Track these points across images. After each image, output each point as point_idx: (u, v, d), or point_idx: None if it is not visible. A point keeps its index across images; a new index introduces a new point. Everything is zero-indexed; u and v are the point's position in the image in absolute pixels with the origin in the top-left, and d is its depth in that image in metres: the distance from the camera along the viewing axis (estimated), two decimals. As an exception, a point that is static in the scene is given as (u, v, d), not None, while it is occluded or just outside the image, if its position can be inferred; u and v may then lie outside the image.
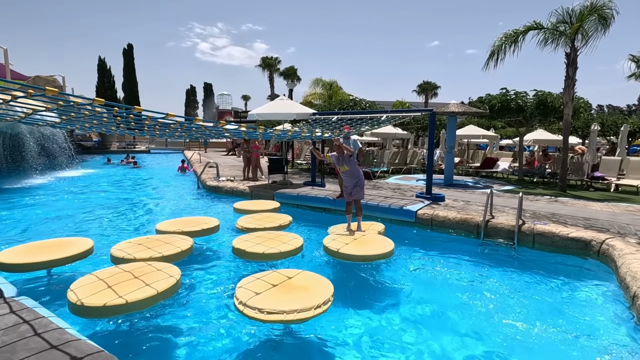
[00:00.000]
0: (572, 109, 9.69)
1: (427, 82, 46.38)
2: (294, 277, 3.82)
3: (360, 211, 5.76)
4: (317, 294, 3.43)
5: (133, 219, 7.69)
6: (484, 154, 17.65)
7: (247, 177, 11.60)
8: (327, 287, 3.58)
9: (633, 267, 4.01)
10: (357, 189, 5.69)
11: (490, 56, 10.10)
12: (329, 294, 3.44)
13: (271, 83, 40.36)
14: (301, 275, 3.87)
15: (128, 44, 37.93)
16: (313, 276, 3.87)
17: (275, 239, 5.03)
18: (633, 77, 30.55)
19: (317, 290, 3.54)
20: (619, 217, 6.62)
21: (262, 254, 4.48)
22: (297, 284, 3.67)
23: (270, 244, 4.73)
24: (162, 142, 37.71)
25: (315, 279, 3.81)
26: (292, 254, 4.62)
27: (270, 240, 4.92)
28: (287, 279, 3.77)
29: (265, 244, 4.77)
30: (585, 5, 9.20)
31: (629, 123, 14.40)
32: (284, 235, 5.18)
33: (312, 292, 3.49)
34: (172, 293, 3.62)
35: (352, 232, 5.50)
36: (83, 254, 4.30)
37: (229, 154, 26.66)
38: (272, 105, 10.51)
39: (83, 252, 4.30)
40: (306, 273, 3.96)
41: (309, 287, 3.61)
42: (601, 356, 3.07)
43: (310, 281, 3.75)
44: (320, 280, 3.79)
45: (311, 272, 3.98)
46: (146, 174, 16.34)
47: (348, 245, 4.82)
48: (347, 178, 5.74)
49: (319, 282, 3.74)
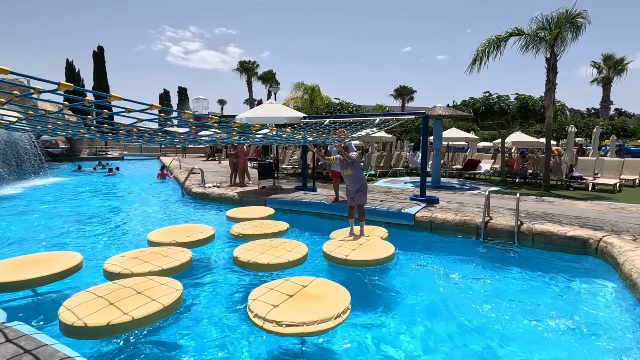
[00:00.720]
0: (552, 111, 10.06)
1: (403, 86, 47.27)
2: (308, 286, 3.65)
3: (363, 216, 5.69)
4: (334, 303, 3.28)
5: (118, 230, 7.24)
6: (464, 156, 18.06)
7: (234, 183, 11.27)
8: (344, 295, 3.44)
9: (638, 264, 4.10)
10: (360, 194, 5.62)
11: (474, 61, 10.34)
12: (346, 302, 3.30)
13: (249, 87, 39.87)
14: (315, 283, 3.71)
15: (98, 47, 36.48)
16: (328, 283, 3.72)
17: (279, 247, 4.83)
18: (595, 82, 32.44)
19: (333, 298, 3.39)
20: (606, 215, 6.86)
21: (267, 265, 4.24)
22: (312, 292, 3.50)
23: (275, 253, 4.52)
24: (135, 148, 36.34)
25: (330, 287, 3.65)
26: (299, 262, 4.43)
27: (274, 249, 4.71)
28: (302, 288, 3.59)
29: (269, 253, 4.55)
30: (562, 12, 9.60)
31: (600, 125, 15.20)
32: (287, 243, 4.99)
33: (329, 301, 3.34)
34: (177, 308, 3.37)
35: (355, 237, 5.39)
36: (72, 270, 3.94)
37: (208, 159, 25.98)
38: (260, 109, 10.28)
39: (72, 267, 3.94)
40: (320, 280, 3.80)
41: (324, 296, 3.45)
42: (613, 352, 3.08)
43: (325, 289, 3.59)
44: (336, 287, 3.64)
45: (325, 279, 3.82)
46: (123, 181, 15.59)
47: (347, 250, 4.73)
48: (350, 182, 5.65)
49: (335, 290, 3.58)
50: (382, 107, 26.56)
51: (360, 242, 5.09)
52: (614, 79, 30.41)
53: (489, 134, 24.33)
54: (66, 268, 3.84)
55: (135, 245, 5.88)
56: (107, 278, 3.91)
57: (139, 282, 3.61)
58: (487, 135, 24.19)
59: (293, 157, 18.81)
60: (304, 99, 21.88)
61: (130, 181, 15.54)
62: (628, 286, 4.12)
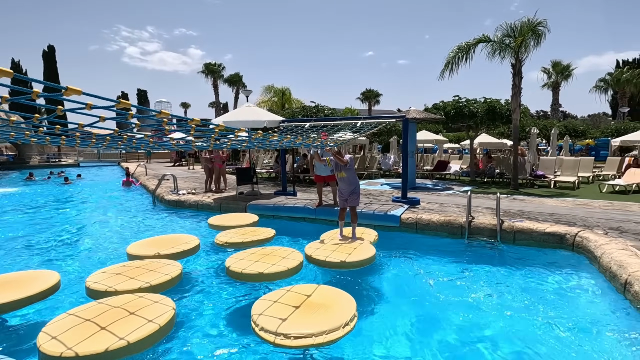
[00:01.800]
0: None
1: (369, 89, 48.20)
2: (312, 294, 3.54)
3: (356, 218, 5.67)
4: (341, 311, 3.20)
5: (91, 243, 6.69)
6: (433, 158, 18.67)
7: (210, 189, 10.86)
8: (350, 302, 3.38)
9: (616, 256, 4.37)
10: (353, 196, 5.63)
11: (446, 66, 10.71)
12: (353, 309, 3.24)
13: (215, 90, 38.83)
14: (319, 291, 3.61)
15: (49, 46, 34.06)
16: (332, 291, 3.63)
17: (272, 254, 4.68)
18: (546, 86, 34.83)
19: (339, 306, 3.31)
20: (575, 211, 7.31)
21: (264, 274, 4.05)
22: (318, 301, 3.41)
23: (270, 261, 4.37)
24: (93, 154, 34.21)
25: (335, 294, 3.57)
26: (297, 270, 4.30)
27: (267, 257, 4.55)
28: (306, 297, 3.48)
29: (263, 261, 4.39)
30: (525, 21, 10.19)
31: (557, 126, 16.33)
32: (280, 250, 4.84)
33: (335, 309, 3.26)
34: (171, 328, 3.14)
35: (345, 239, 5.39)
36: (49, 290, 3.56)
37: (175, 165, 24.98)
38: (238, 113, 10.00)
39: (49, 287, 3.56)
40: (324, 288, 3.71)
41: (330, 304, 3.37)
42: (598, 339, 3.25)
43: (330, 297, 3.51)
44: (340, 294, 3.56)
45: (328, 285, 3.73)
46: (83, 190, 14.56)
47: (328, 252, 4.74)
48: (344, 185, 5.65)
49: (340, 297, 3.51)
50: (352, 110, 26.88)
51: (344, 244, 5.12)
52: (561, 84, 32.84)
53: (453, 136, 25.38)
54: (43, 289, 3.46)
55: (113, 259, 5.47)
56: (90, 297, 3.57)
57: (128, 301, 3.33)
58: (453, 137, 25.21)
59: (265, 161, 18.52)
60: (274, 102, 21.64)
61: (92, 190, 14.55)
62: (607, 277, 4.38)
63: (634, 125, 20.97)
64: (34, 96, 2.18)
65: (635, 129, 19.48)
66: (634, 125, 20.98)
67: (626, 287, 3.90)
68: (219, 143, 6.55)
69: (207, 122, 4.85)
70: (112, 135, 4.75)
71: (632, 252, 4.51)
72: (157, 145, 6.42)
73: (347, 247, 5.01)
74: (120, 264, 4.38)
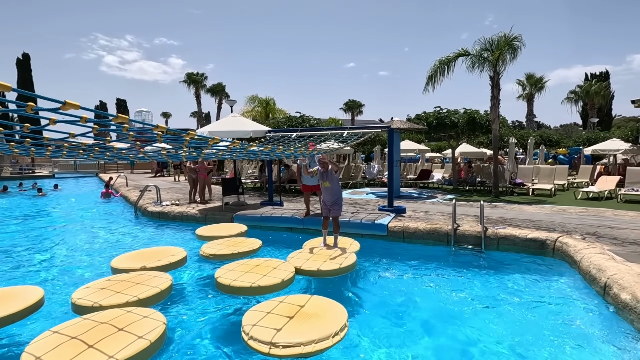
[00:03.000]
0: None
1: (352, 100, 48.82)
2: (305, 305, 3.54)
3: (338, 227, 5.78)
4: (332, 321, 3.22)
5: (73, 257, 6.44)
6: (416, 167, 19.02)
7: (194, 200, 10.70)
8: (341, 312, 3.40)
9: (595, 260, 4.57)
10: (336, 207, 5.72)
11: (429, 80, 11.04)
12: (343, 319, 3.26)
13: (198, 100, 38.40)
14: (312, 301, 3.61)
15: (23, 54, 33.03)
16: (324, 301, 3.64)
17: (262, 265, 4.65)
18: (521, 97, 36.21)
19: (331, 316, 3.33)
20: (553, 217, 7.60)
21: (259, 287, 3.96)
22: (309, 311, 3.42)
23: (262, 272, 4.33)
24: (69, 165, 33.08)
25: (327, 304, 3.58)
26: (290, 282, 4.26)
27: (258, 267, 4.52)
28: (299, 308, 3.47)
29: (254, 271, 4.35)
30: (502, 36, 10.66)
31: (533, 136, 17.00)
32: (271, 261, 4.81)
33: (326, 319, 3.27)
34: (162, 343, 3.08)
35: (329, 247, 5.46)
36: (32, 308, 3.42)
37: (156, 175, 24.49)
38: (224, 123, 9.95)
39: (33, 304, 3.42)
40: (316, 298, 3.71)
41: (321, 314, 3.38)
42: (579, 339, 3.39)
43: (321, 307, 3.52)
44: (332, 304, 3.58)
45: (321, 296, 3.74)
46: (60, 202, 14.05)
47: (307, 260, 4.83)
48: (327, 194, 5.72)
49: (332, 307, 3.53)
50: (335, 120, 27.14)
51: (325, 253, 5.17)
52: (535, 95, 34.23)
53: (435, 145, 25.98)
54: (26, 305, 3.32)
55: (97, 273, 5.30)
56: (76, 313, 3.45)
57: (116, 317, 3.24)
58: (434, 147, 25.80)
59: (250, 171, 18.41)
60: (259, 112, 21.63)
61: (69, 201, 14.06)
62: (587, 281, 4.56)
63: (604, 135, 22.06)
64: (29, 110, 2.13)
65: (605, 138, 20.49)
66: (603, 135, 22.06)
67: (605, 289, 4.07)
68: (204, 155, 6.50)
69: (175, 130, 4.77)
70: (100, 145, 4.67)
71: (609, 256, 4.72)
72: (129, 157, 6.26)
73: (326, 254, 5.09)
74: (106, 278, 4.26)
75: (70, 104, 1.99)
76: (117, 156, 5.64)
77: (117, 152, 5.01)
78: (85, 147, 4.53)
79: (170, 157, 6.76)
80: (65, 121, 2.93)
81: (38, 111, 2.41)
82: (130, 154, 5.68)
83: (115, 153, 5.11)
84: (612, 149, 17.15)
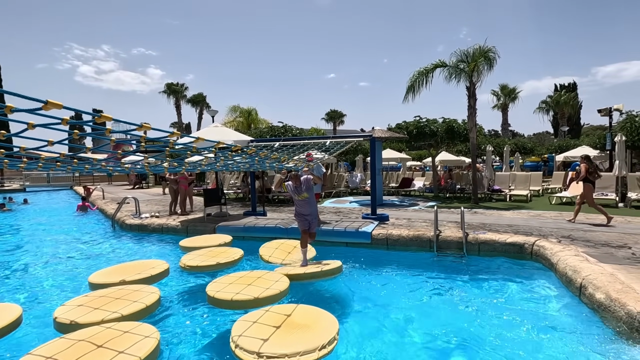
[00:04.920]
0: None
1: (334, 110, 49.36)
2: (292, 314, 3.51)
3: (314, 238, 5.76)
4: (321, 332, 3.14)
5: (48, 273, 6.16)
6: (397, 175, 19.33)
7: (175, 212, 10.48)
8: (332, 324, 3.30)
9: (571, 262, 4.76)
10: (316, 220, 5.66)
11: (409, 90, 11.33)
12: (333, 331, 3.15)
13: (178, 110, 38.00)
14: (304, 311, 3.56)
15: (-7, 64, 31.82)
16: (316, 311, 3.57)
17: (247, 275, 4.59)
18: (496, 107, 37.53)
19: (320, 327, 3.25)
20: (530, 222, 7.87)
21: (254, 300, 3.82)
22: (298, 321, 3.38)
23: (257, 284, 4.16)
24: (41, 178, 31.83)
25: (318, 314, 3.51)
26: (284, 294, 4.12)
27: (251, 279, 4.37)
28: (286, 317, 3.44)
29: (247, 284, 4.18)
30: (477, 48, 11.10)
31: (508, 144, 17.65)
32: (258, 271, 4.76)
33: (315, 330, 3.20)
34: (156, 358, 2.98)
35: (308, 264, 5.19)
36: (10, 327, 3.25)
37: (134, 187, 23.86)
38: (206, 133, 9.86)
39: (10, 324, 3.25)
40: (309, 308, 3.65)
41: (312, 324, 3.32)
42: (557, 339, 3.51)
43: (313, 317, 3.46)
44: (323, 315, 3.50)
45: (311, 305, 3.71)
46: (30, 217, 13.47)
47: None
48: (305, 207, 5.49)
49: (322, 318, 3.44)
50: (317, 130, 27.34)
51: None
52: (509, 105, 35.60)
53: (416, 154, 26.51)
54: (3, 325, 3.16)
55: (76, 289, 5.11)
56: (60, 332, 3.29)
57: (103, 332, 3.12)
58: (415, 155, 26.33)
59: (232, 181, 18.23)
60: (240, 122, 21.55)
61: (43, 216, 13.49)
62: (564, 282, 4.74)
63: (574, 143, 23.13)
64: (7, 111, 2.05)
65: (576, 146, 21.50)
66: (574, 143, 23.14)
67: (581, 290, 4.24)
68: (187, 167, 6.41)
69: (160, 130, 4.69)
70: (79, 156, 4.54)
71: (584, 257, 4.93)
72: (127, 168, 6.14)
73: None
74: (93, 293, 4.10)
75: (53, 104, 1.93)
76: (97, 168, 5.48)
77: (97, 163, 4.88)
78: (62, 159, 4.39)
79: (152, 170, 6.64)
80: (44, 124, 2.83)
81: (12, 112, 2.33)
82: (109, 166, 5.54)
83: (95, 165, 4.98)
84: (582, 156, 17.94)
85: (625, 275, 4.21)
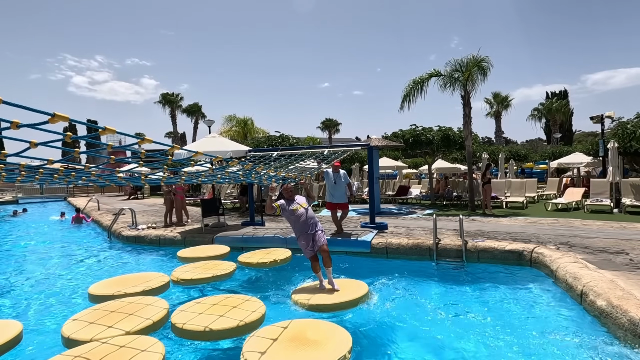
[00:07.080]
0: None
1: (329, 119, 49.64)
2: (304, 329, 3.41)
3: (330, 259, 4.74)
4: (331, 350, 3.01)
5: (44, 286, 6.06)
6: (394, 183, 19.40)
7: (171, 223, 10.40)
8: (344, 340, 3.16)
9: (571, 269, 4.79)
10: (320, 232, 4.83)
11: (404, 99, 11.46)
12: (345, 349, 3.01)
13: (173, 120, 37.88)
14: (312, 325, 3.50)
15: (-13, 75, 31.59)
16: (328, 326, 3.48)
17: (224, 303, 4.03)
18: (489, 115, 37.95)
19: (332, 344, 3.12)
20: (527, 229, 7.92)
21: None
22: (310, 337, 3.25)
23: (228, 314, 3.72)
24: (34, 190, 31.43)
25: (331, 330, 3.39)
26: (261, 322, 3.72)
27: (219, 307, 3.90)
28: (297, 332, 3.37)
29: (211, 312, 3.77)
30: (470, 57, 11.28)
31: (503, 151, 17.84)
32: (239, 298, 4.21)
33: (325, 348, 3.07)
34: None
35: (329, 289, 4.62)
36: (10, 344, 3.18)
37: (130, 198, 23.69)
38: (203, 143, 9.86)
39: (10, 340, 3.18)
40: (321, 323, 3.58)
41: (322, 341, 3.20)
42: (559, 346, 3.52)
43: (323, 333, 3.34)
44: (336, 330, 3.37)
45: (324, 320, 3.65)
46: (24, 228, 13.29)
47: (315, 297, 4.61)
48: (308, 221, 4.80)
49: (335, 334, 3.31)
50: (313, 138, 27.44)
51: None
52: (502, 113, 36.06)
53: (411, 161, 26.67)
54: (4, 341, 3.09)
55: (74, 303, 5.03)
56: (66, 347, 3.22)
57: (112, 349, 3.06)
58: (411, 163, 26.49)
59: (228, 191, 18.16)
60: (237, 131, 21.57)
61: (36, 228, 13.32)
62: (564, 289, 4.76)
63: (567, 149, 23.44)
64: (14, 127, 2.02)
65: (568, 152, 21.78)
66: (567, 149, 23.45)
67: (582, 297, 4.27)
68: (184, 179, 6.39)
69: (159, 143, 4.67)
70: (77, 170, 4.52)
71: (583, 264, 4.97)
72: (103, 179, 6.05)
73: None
74: (91, 308, 4.02)
75: (60, 116, 1.90)
76: (94, 181, 5.45)
77: (95, 176, 4.85)
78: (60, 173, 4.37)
79: (148, 182, 6.60)
80: (46, 142, 2.78)
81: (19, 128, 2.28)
82: (107, 179, 5.51)
83: (93, 178, 4.95)
84: (576, 162, 18.20)
85: (625, 282, 4.24)
